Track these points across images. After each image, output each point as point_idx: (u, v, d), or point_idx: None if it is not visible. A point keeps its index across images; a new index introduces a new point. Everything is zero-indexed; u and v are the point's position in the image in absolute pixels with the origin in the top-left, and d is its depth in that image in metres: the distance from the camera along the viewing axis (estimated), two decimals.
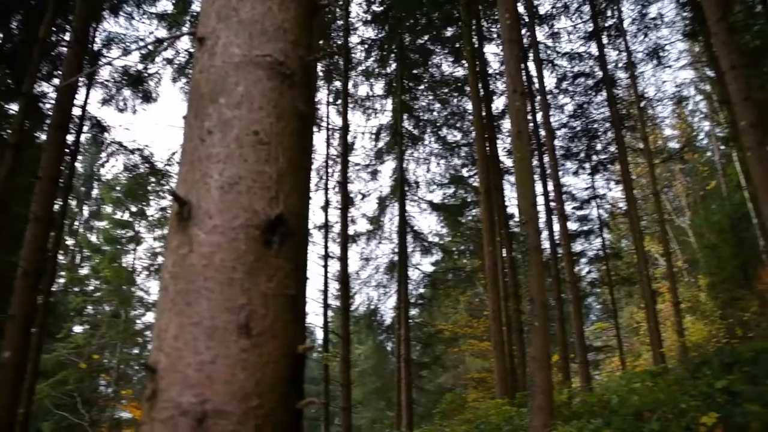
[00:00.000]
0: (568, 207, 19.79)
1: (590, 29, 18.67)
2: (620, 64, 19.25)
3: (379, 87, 20.55)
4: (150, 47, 13.24)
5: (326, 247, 18.04)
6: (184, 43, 14.77)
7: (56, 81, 11.80)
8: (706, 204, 28.77)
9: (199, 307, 1.30)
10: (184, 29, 13.77)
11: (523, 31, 18.45)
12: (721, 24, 9.88)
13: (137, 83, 13.74)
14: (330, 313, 19.12)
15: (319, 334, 21.63)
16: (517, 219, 15.97)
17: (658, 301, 20.27)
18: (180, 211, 1.43)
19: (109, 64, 13.28)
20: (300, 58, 1.68)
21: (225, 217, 1.38)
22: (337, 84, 19.43)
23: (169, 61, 15.06)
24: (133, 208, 24.66)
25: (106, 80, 13.40)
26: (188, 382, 1.24)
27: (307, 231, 1.58)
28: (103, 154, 15.23)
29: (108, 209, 25.31)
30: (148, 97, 14.08)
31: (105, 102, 13.52)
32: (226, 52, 1.61)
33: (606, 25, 19.00)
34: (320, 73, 18.96)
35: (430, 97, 20.82)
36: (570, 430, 7.54)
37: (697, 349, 17.48)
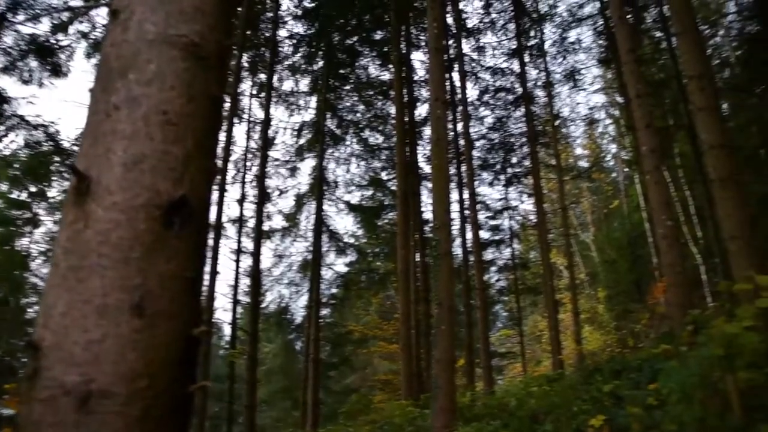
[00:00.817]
0: (482, 216, 20.40)
1: (514, 47, 19.38)
2: (539, 83, 20.10)
3: (304, 83, 20.38)
4: (63, 17, 12.42)
5: (239, 242, 17.66)
6: (103, 18, 13.99)
7: None
8: (608, 221, 30.52)
9: (91, 284, 1.26)
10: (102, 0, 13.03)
11: (451, 42, 18.92)
12: (630, 55, 10.53)
13: (46, 54, 12.84)
14: (239, 309, 18.75)
15: (227, 331, 21.13)
16: (431, 224, 16.28)
17: (561, 311, 21.22)
18: (78, 186, 1.38)
19: (13, 29, 12.31)
20: (217, 42, 1.66)
21: (126, 194, 1.35)
22: (262, 77, 19.10)
23: (84, 35, 14.22)
24: (33, 188, 23.07)
25: (10, 47, 12.44)
26: (74, 361, 1.21)
27: (208, 215, 1.56)
28: (1, 128, 14.17)
29: (3, 187, 23.56)
30: (57, 71, 13.17)
31: (6, 70, 12.53)
32: (141, 27, 1.57)
33: (529, 44, 19.81)
34: (245, 64, 18.58)
35: (355, 98, 20.84)
36: (470, 431, 7.78)
37: (592, 357, 18.43)
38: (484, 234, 20.44)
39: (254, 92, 19.48)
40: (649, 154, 9.81)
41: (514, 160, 20.76)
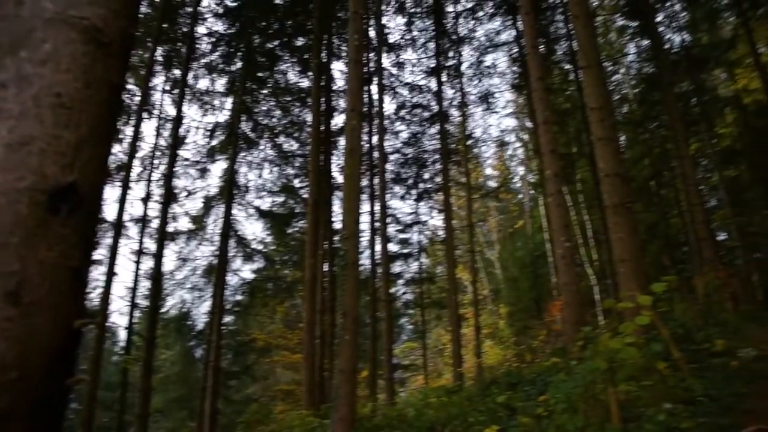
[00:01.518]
0: (392, 229, 20.71)
1: (432, 65, 19.91)
2: (455, 102, 20.77)
3: (220, 83, 19.90)
4: None
5: (141, 242, 16.91)
6: None
7: None
8: (513, 240, 31.79)
9: None
10: None
11: (371, 55, 19.17)
12: (539, 83, 11.10)
13: None
14: (137, 313, 17.89)
15: (122, 336, 20.13)
16: (341, 234, 16.29)
17: (463, 326, 21.80)
18: None
19: None
20: (121, 29, 1.61)
21: (8, 177, 1.28)
22: (176, 72, 18.49)
23: None
24: None
25: None
26: None
27: (100, 205, 1.50)
28: None
29: None
30: None
31: None
32: (37, 4, 1.49)
33: (447, 64, 20.42)
34: (159, 58, 17.94)
35: (272, 103, 20.59)
36: None
37: (491, 371, 19.04)
38: (393, 247, 20.78)
39: (167, 88, 18.83)
40: (553, 177, 10.36)
41: (426, 175, 21.27)
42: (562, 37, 19.72)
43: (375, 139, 18.46)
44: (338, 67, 20.64)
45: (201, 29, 18.61)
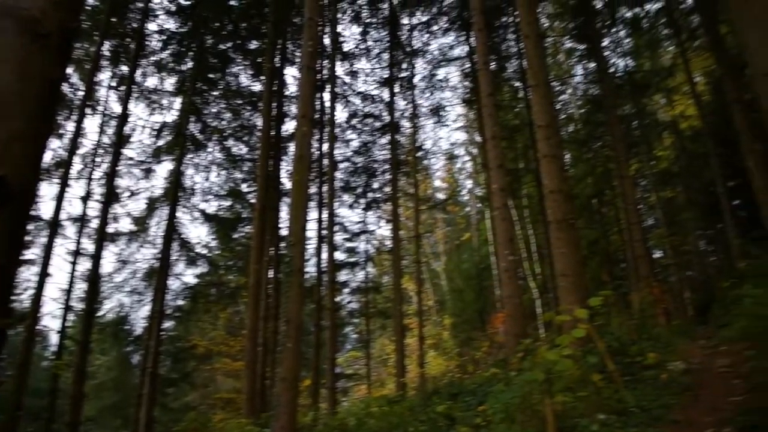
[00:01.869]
0: (339, 237, 20.64)
1: (386, 76, 20.04)
2: (406, 114, 20.97)
3: (169, 83, 19.43)
4: None
5: (78, 243, 16.26)
6: None
7: None
8: (459, 252, 32.18)
9: None
10: None
11: (325, 63, 19.16)
12: (489, 98, 11.34)
13: None
14: (71, 316, 17.18)
15: (54, 340, 19.23)
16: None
17: (408, 336, 21.87)
18: None
19: None
20: (61, 22, 1.56)
21: None
22: (124, 69, 17.98)
23: None
24: None
25: None
26: None
27: (32, 201, 1.44)
28: None
29: None
30: None
31: None
32: None
33: (400, 75, 20.61)
34: (106, 53, 17.42)
35: (222, 105, 20.23)
36: None
37: (434, 381, 19.15)
38: (339, 255, 20.71)
39: (113, 84, 18.27)
40: (499, 192, 10.57)
41: (376, 185, 21.32)
42: (513, 56, 20.20)
43: (325, 146, 18.41)
44: (291, 73, 20.59)
45: (152, 26, 18.24)
